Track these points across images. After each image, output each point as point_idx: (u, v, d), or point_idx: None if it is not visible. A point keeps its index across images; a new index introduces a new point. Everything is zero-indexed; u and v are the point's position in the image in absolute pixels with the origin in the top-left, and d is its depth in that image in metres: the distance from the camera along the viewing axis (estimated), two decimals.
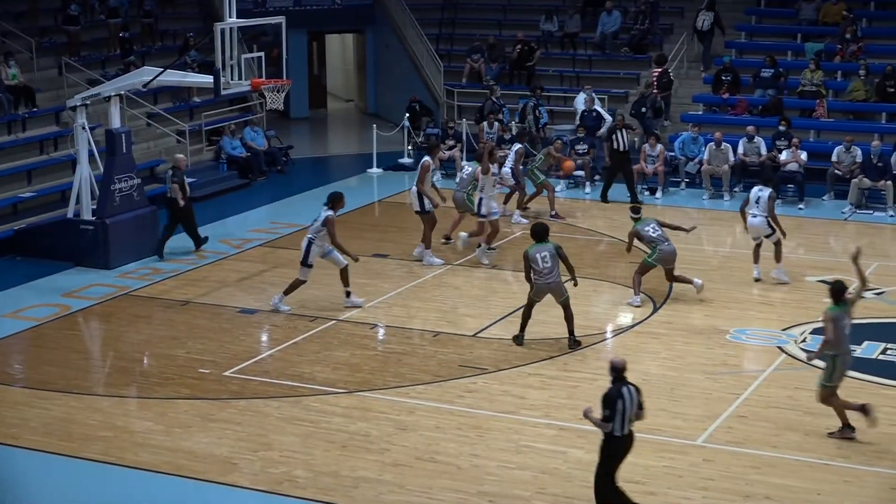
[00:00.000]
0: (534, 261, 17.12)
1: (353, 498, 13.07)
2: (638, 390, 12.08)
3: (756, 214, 20.14)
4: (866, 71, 29.12)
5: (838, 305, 14.24)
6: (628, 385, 12.00)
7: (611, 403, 11.85)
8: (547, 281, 17.19)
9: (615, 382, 12.00)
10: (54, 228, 22.45)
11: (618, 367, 12.10)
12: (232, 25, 20.73)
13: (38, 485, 13.62)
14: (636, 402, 11.98)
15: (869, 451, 14.12)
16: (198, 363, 17.03)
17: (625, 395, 11.89)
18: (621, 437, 11.94)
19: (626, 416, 11.89)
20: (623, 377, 12.05)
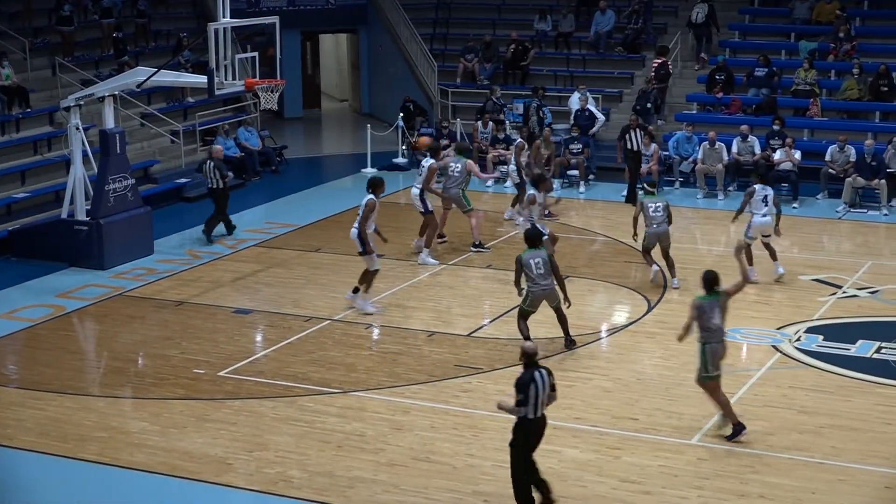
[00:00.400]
0: (527, 266, 16.96)
1: (349, 498, 13.08)
2: (549, 373, 12.39)
3: (765, 213, 20.13)
4: (860, 70, 29.16)
5: (709, 295, 14.36)
6: (540, 369, 12.32)
7: (524, 388, 12.19)
8: (542, 287, 16.94)
9: (527, 368, 12.34)
10: (48, 229, 22.43)
11: (529, 352, 12.43)
12: (225, 25, 20.71)
13: (34, 486, 13.61)
14: (548, 386, 12.32)
15: (863, 449, 14.14)
16: (192, 363, 17.02)
17: (537, 379, 12.20)
18: (534, 420, 12.28)
19: (539, 399, 12.21)
20: (535, 362, 12.38)
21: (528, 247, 17.06)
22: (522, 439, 12.41)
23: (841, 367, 16.65)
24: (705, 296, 14.36)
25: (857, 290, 20.08)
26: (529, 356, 12.41)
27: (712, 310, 14.28)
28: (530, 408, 12.22)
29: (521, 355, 12.48)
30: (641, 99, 29.76)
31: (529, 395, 12.18)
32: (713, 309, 14.29)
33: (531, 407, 12.22)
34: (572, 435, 14.50)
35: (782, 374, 16.43)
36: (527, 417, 12.26)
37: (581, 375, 16.40)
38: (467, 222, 22.51)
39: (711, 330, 14.29)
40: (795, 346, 17.48)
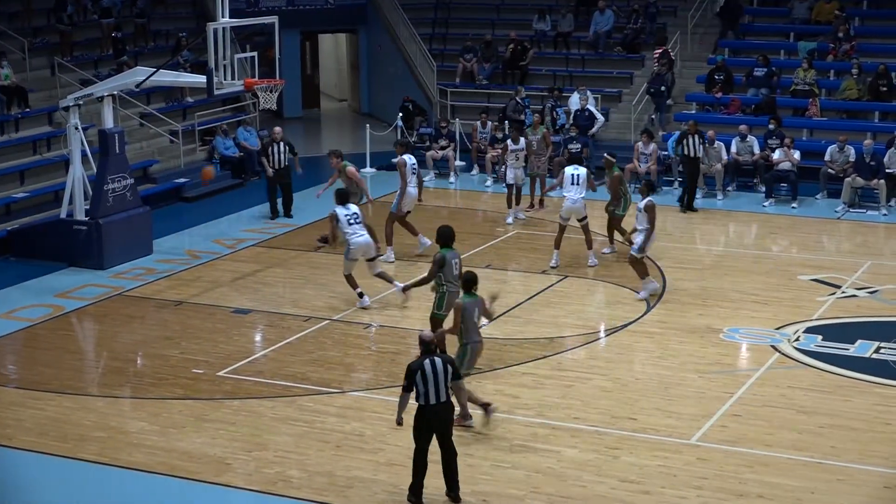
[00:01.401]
0: (448, 266, 16.01)
1: (348, 498, 13.08)
2: (447, 361, 12.76)
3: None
4: (859, 70, 29.16)
5: (468, 295, 14.61)
6: (433, 357, 12.68)
7: (410, 374, 12.61)
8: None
9: (422, 355, 12.71)
10: (47, 229, 22.42)
11: (424, 340, 12.81)
12: (225, 25, 20.71)
13: (33, 485, 13.61)
14: (445, 374, 12.63)
15: (862, 449, 14.14)
16: (192, 363, 17.02)
17: (426, 367, 12.56)
18: (425, 407, 12.64)
19: (430, 386, 12.55)
20: (432, 349, 12.76)
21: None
22: (415, 426, 12.84)
23: (840, 367, 16.65)
24: (465, 295, 14.69)
25: (856, 290, 20.08)
26: (425, 344, 12.77)
27: (474, 310, 14.55)
28: (421, 395, 12.59)
29: (419, 342, 12.89)
30: (655, 82, 30.02)
31: (416, 382, 12.57)
32: (474, 309, 14.57)
33: (422, 394, 12.59)
34: (571, 435, 14.50)
35: (781, 374, 16.43)
36: (419, 403, 12.68)
37: (580, 375, 16.41)
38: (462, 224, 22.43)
39: (471, 330, 14.59)
40: (794, 346, 17.47)
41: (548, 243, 22.91)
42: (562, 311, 19.12)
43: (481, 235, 23.48)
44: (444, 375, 12.66)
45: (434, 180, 28.75)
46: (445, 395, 12.71)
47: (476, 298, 14.70)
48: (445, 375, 12.67)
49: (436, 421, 12.73)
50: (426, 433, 12.76)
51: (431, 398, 12.63)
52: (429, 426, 12.74)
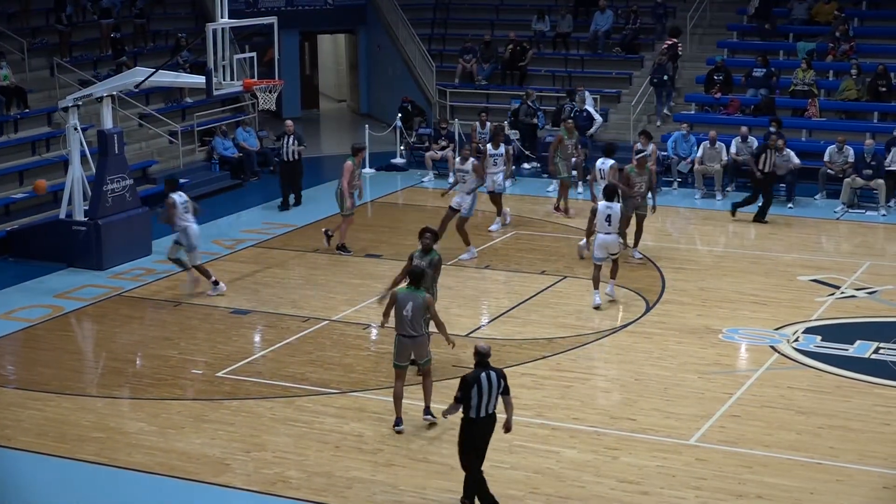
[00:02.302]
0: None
1: (347, 498, 13.08)
2: (501, 375, 12.46)
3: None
4: (858, 70, 29.16)
5: (408, 288, 14.67)
6: (489, 371, 12.38)
7: (466, 387, 12.31)
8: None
9: (477, 367, 12.42)
10: (46, 229, 22.42)
11: (481, 352, 12.50)
12: (224, 26, 20.72)
13: (32, 486, 13.60)
14: (497, 388, 12.37)
15: (861, 450, 14.14)
16: (190, 364, 17.02)
17: (482, 380, 12.28)
18: (475, 420, 12.37)
19: (483, 400, 12.27)
20: (486, 362, 12.44)
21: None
22: (462, 439, 12.57)
23: (839, 367, 16.65)
24: (405, 288, 14.78)
25: (856, 290, 20.08)
26: (481, 356, 12.50)
27: (406, 303, 14.48)
28: (473, 408, 12.33)
29: (474, 354, 12.59)
30: (658, 72, 30.18)
31: (471, 395, 12.30)
32: (407, 302, 14.47)
33: (474, 407, 12.32)
34: (570, 435, 14.51)
35: (780, 375, 16.43)
36: (469, 416, 12.41)
37: (579, 376, 16.41)
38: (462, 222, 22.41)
39: (402, 322, 14.55)
40: (793, 347, 17.47)
41: (547, 244, 23.00)
42: (561, 312, 19.12)
43: (480, 236, 23.46)
44: (497, 389, 12.42)
45: (433, 181, 28.75)
46: (493, 409, 12.46)
47: (416, 293, 14.51)
48: (498, 389, 12.42)
49: (479, 434, 12.51)
50: (472, 446, 12.53)
51: (482, 411, 12.40)
52: (472, 439, 12.50)
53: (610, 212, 19.15)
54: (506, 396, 12.54)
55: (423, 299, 14.56)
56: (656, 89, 30.71)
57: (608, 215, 19.15)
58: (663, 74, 30.30)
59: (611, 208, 19.18)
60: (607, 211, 19.18)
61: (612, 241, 19.29)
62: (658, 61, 30.64)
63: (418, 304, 14.51)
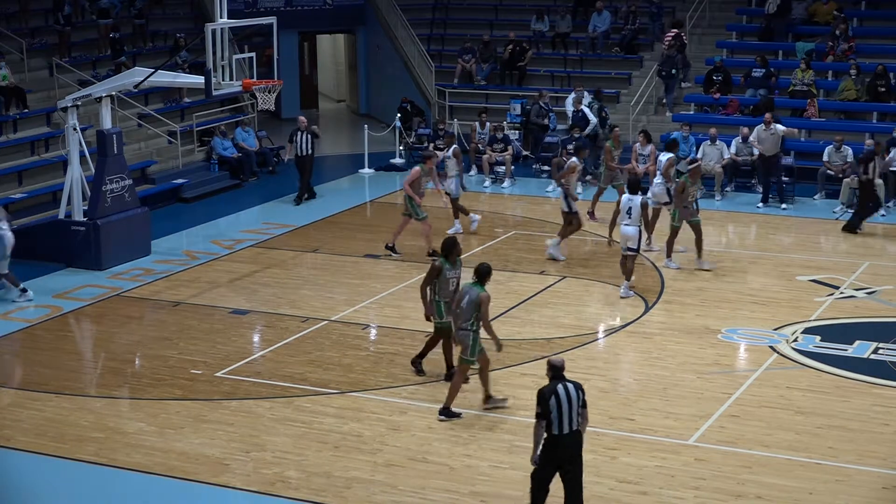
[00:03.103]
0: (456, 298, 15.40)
1: (346, 498, 13.07)
2: (579, 388, 11.94)
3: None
4: (857, 70, 29.17)
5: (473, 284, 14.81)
6: (566, 383, 11.89)
7: (543, 400, 11.78)
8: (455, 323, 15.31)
9: (552, 381, 11.95)
10: (45, 229, 22.41)
11: (555, 365, 12.06)
12: (223, 26, 20.72)
13: (31, 486, 13.60)
14: (578, 400, 11.85)
15: (860, 450, 14.14)
16: (189, 364, 17.02)
17: (560, 392, 11.77)
18: (557, 437, 11.80)
19: (563, 414, 11.74)
20: (561, 375, 11.96)
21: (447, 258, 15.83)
22: (542, 455, 11.93)
23: (838, 367, 16.65)
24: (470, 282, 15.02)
25: (855, 290, 20.08)
26: (556, 369, 11.98)
27: (464, 296, 14.87)
28: (555, 423, 11.73)
29: (548, 368, 12.06)
30: (666, 64, 30.38)
31: (550, 409, 11.71)
32: (465, 296, 14.86)
33: (555, 423, 11.73)
34: None
35: (779, 375, 16.43)
36: (551, 432, 11.77)
37: (578, 376, 16.22)
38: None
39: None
40: (793, 347, 17.47)
41: (545, 244, 22.95)
42: (560, 312, 19.12)
43: (479, 236, 23.48)
44: (578, 402, 11.81)
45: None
46: (577, 424, 11.85)
47: (473, 288, 14.81)
48: (578, 402, 11.81)
49: (564, 454, 11.87)
50: (551, 465, 11.93)
51: (564, 427, 11.74)
52: (554, 458, 11.87)
53: (631, 204, 19.55)
54: (583, 409, 11.93)
55: (477, 296, 14.73)
56: (664, 81, 30.92)
57: (629, 207, 19.56)
58: (671, 67, 30.54)
59: (632, 201, 19.59)
60: (629, 203, 19.61)
61: (633, 233, 19.56)
62: (667, 53, 30.80)
63: (472, 298, 14.73)
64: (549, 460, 11.90)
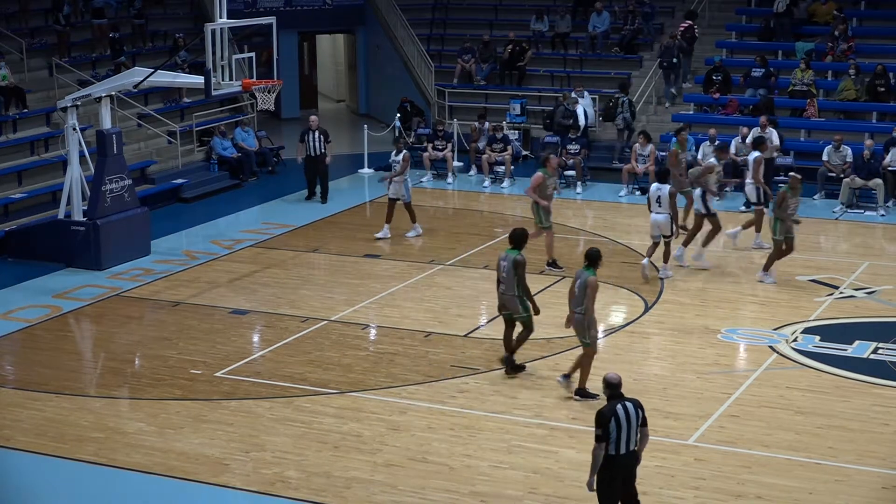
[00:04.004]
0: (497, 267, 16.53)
1: (346, 498, 13.07)
2: (638, 406, 11.49)
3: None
4: (856, 70, 29.17)
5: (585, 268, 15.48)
6: (625, 402, 11.44)
7: (604, 422, 11.29)
8: (500, 290, 16.44)
9: (610, 400, 11.50)
10: (45, 229, 22.41)
11: (612, 383, 11.59)
12: (223, 26, 20.72)
13: (31, 486, 13.60)
14: (637, 419, 11.39)
15: (860, 450, 14.15)
16: (189, 364, 17.02)
17: (619, 413, 11.31)
18: (616, 457, 11.36)
19: (622, 434, 11.30)
20: (619, 394, 11.52)
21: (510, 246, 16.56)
22: (603, 477, 11.42)
23: (838, 367, 16.65)
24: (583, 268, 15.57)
25: (854, 290, 20.08)
26: (612, 387, 11.57)
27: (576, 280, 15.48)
28: (612, 443, 11.28)
29: (604, 386, 11.65)
30: (666, 54, 30.51)
31: (610, 430, 11.26)
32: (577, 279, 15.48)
33: (613, 444, 11.28)
34: (569, 435, 14.51)
35: (779, 375, 16.43)
36: (609, 454, 11.32)
37: (577, 376, 16.38)
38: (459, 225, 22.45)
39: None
40: (792, 347, 17.48)
41: (543, 244, 22.95)
42: (559, 312, 19.05)
43: (479, 236, 23.49)
44: (637, 422, 11.36)
45: (432, 181, 28.76)
46: (634, 444, 11.44)
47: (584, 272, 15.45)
48: (637, 422, 11.37)
49: (618, 474, 11.41)
50: (617, 487, 11.45)
51: (622, 447, 11.29)
52: (613, 479, 11.39)
53: (660, 193, 20.26)
54: (643, 428, 11.50)
55: (586, 278, 15.27)
56: (664, 72, 31.07)
57: (658, 196, 20.28)
58: (671, 58, 30.68)
59: (661, 190, 20.28)
60: (657, 192, 20.30)
61: (664, 220, 20.27)
62: (665, 44, 30.93)
63: (583, 281, 15.30)
64: (613, 482, 11.45)
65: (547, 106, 31.73)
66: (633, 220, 24.79)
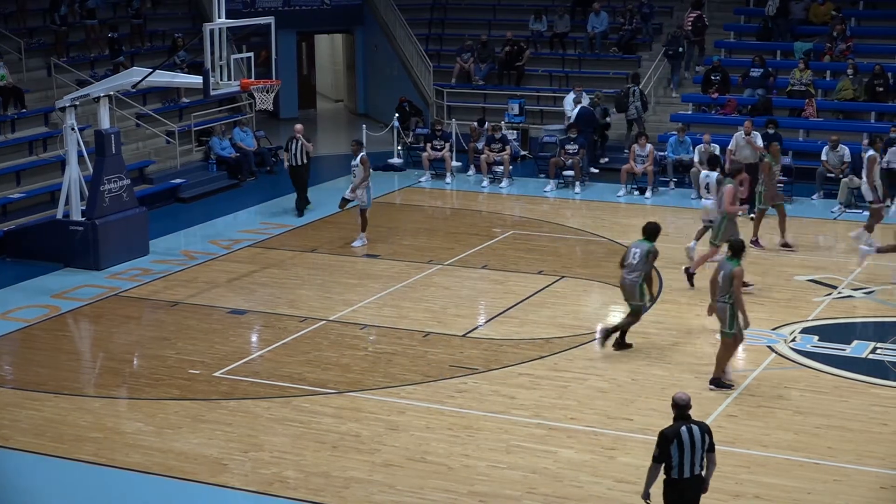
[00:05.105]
0: (626, 253, 17.50)
1: (344, 498, 13.07)
2: (705, 430, 11.10)
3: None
4: (854, 70, 29.19)
5: (730, 259, 15.81)
6: (690, 424, 11.05)
7: (664, 443, 10.98)
8: (624, 275, 17.34)
9: (676, 421, 11.11)
10: (43, 229, 22.40)
11: (679, 403, 11.16)
12: (221, 26, 20.71)
13: (29, 486, 13.60)
14: (702, 444, 11.03)
15: (859, 450, 14.15)
16: (188, 364, 17.01)
17: (683, 435, 10.96)
18: (678, 481, 11.04)
19: (685, 457, 10.96)
20: (686, 415, 11.11)
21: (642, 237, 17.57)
22: (665, 501, 11.16)
23: (836, 367, 16.65)
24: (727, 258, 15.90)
25: (853, 290, 20.09)
26: (680, 408, 11.15)
27: (720, 270, 15.82)
28: (675, 467, 10.97)
29: (672, 406, 11.24)
30: (672, 44, 30.61)
31: (671, 453, 10.95)
32: (721, 270, 15.80)
33: (676, 467, 10.97)
34: (567, 435, 14.51)
35: (778, 375, 16.44)
36: (671, 477, 11.02)
37: (576, 376, 16.41)
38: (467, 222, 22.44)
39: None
40: (791, 347, 17.48)
41: (544, 244, 23.01)
42: (558, 312, 19.13)
43: (478, 236, 23.49)
44: (702, 446, 10.98)
45: (430, 181, 28.75)
46: (700, 468, 11.06)
47: (729, 263, 15.74)
48: (703, 447, 10.98)
49: (680, 498, 11.12)
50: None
51: (685, 471, 10.96)
52: (670, 502, 11.16)
53: (708, 180, 21.03)
54: (710, 454, 11.12)
55: (731, 269, 15.61)
56: (670, 61, 31.28)
57: (706, 183, 21.08)
58: (677, 46, 30.93)
59: (709, 177, 21.07)
60: (706, 179, 21.16)
61: (712, 205, 20.75)
62: (673, 33, 31.02)
63: (727, 272, 15.62)
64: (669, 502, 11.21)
65: (545, 105, 31.74)
66: (631, 220, 24.78)
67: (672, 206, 26.05)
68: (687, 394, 11.26)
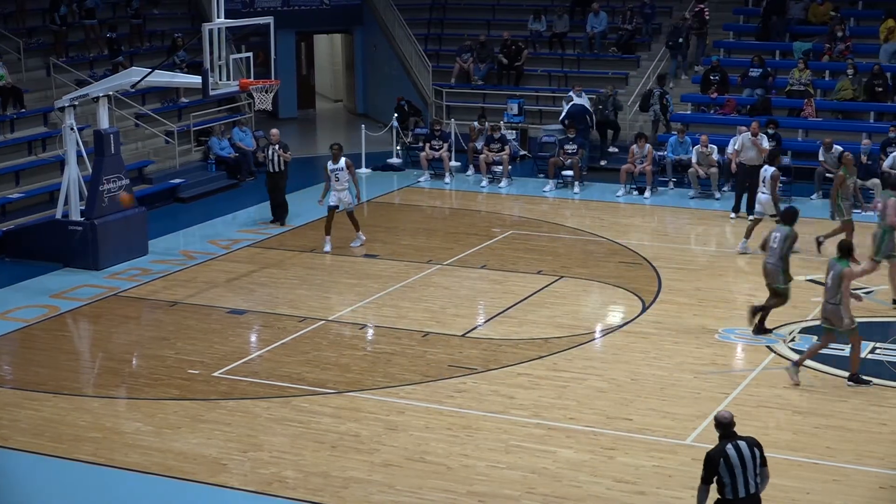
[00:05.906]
0: (768, 238, 17.86)
1: (343, 498, 13.07)
2: (754, 445, 10.69)
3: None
4: (854, 70, 29.19)
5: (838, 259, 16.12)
6: (737, 442, 10.66)
7: (711, 465, 10.60)
8: (766, 260, 17.82)
9: (721, 440, 10.72)
10: (43, 229, 22.40)
11: (722, 422, 10.76)
12: (220, 26, 20.71)
13: (28, 486, 13.59)
14: (753, 461, 10.62)
15: (858, 450, 14.15)
16: (187, 364, 17.01)
17: (730, 454, 10.56)
18: (732, 502, 10.60)
19: (738, 476, 10.53)
20: (731, 433, 10.69)
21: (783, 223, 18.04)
22: None
23: (835, 367, 16.64)
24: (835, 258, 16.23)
25: (852, 290, 20.02)
26: (723, 427, 10.74)
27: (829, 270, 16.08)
28: (727, 487, 10.54)
29: (715, 425, 10.86)
30: (673, 35, 30.79)
31: (720, 473, 10.54)
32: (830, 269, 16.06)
33: (728, 487, 10.54)
34: (566, 435, 14.50)
35: (777, 375, 16.43)
36: (725, 498, 10.58)
37: (575, 376, 16.41)
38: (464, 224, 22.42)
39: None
40: (790, 347, 17.47)
41: (543, 244, 22.99)
42: (557, 312, 19.13)
43: (477, 236, 23.49)
44: (753, 462, 10.54)
45: (429, 181, 28.76)
46: (755, 487, 10.62)
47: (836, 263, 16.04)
48: (754, 462, 10.55)
49: None
50: None
51: (740, 490, 10.49)
52: None
53: (765, 174, 22.00)
54: (763, 468, 10.71)
55: (840, 269, 15.85)
56: (671, 52, 31.53)
57: (763, 177, 22.04)
58: (678, 38, 31.18)
59: (766, 171, 22.03)
60: (763, 174, 22.09)
61: (766, 199, 21.94)
62: (675, 24, 31.41)
63: (836, 273, 15.86)
64: None
65: (544, 105, 31.74)
66: (630, 220, 24.84)
67: (671, 206, 26.06)
68: (730, 412, 10.90)
